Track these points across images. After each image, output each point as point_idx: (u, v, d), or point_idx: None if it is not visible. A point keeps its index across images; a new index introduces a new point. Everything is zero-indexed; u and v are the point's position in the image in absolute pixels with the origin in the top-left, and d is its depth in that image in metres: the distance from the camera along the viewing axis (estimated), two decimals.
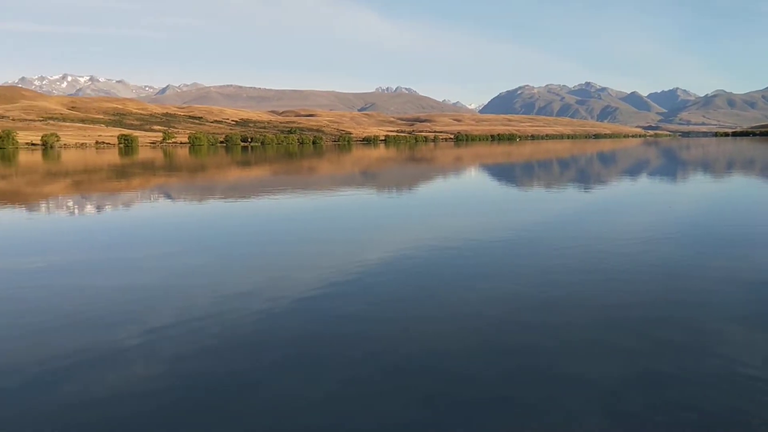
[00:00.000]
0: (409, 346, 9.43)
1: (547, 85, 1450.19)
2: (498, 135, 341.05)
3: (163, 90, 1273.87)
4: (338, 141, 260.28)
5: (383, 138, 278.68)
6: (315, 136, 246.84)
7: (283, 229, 21.85)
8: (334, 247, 18.18)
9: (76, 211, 28.56)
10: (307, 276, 14.09)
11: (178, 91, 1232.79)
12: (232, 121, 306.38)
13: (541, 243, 18.30)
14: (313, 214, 26.58)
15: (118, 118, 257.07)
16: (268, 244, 18.88)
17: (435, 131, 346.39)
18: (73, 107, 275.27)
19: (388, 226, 23.03)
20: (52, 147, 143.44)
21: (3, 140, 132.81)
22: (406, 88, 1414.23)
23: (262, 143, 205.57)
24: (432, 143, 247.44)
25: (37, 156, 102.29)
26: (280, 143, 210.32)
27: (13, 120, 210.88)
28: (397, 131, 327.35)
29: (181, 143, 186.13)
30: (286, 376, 8.38)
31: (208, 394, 7.80)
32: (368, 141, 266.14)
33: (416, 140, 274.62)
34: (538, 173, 59.68)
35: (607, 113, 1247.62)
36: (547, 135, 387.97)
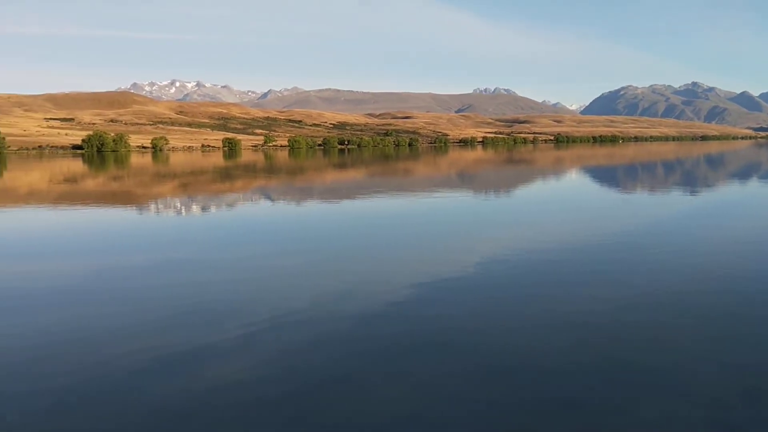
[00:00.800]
0: (509, 347, 9.35)
1: (651, 86, 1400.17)
2: (600, 136, 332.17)
3: (265, 94, 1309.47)
4: (434, 143, 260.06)
5: (481, 139, 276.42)
6: (411, 138, 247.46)
7: (379, 232, 22.06)
8: (427, 250, 18.22)
9: (183, 211, 29.80)
10: (401, 279, 14.18)
11: (279, 95, 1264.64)
12: (330, 124, 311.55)
13: (641, 248, 17.73)
14: (408, 218, 26.69)
15: (222, 123, 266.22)
16: (365, 246, 19.11)
17: (534, 132, 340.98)
18: (180, 112, 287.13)
19: (484, 228, 22.87)
20: (161, 150, 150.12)
21: (116, 143, 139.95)
22: (504, 89, 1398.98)
23: (359, 146, 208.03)
24: (531, 145, 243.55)
25: (147, 158, 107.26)
26: (376, 145, 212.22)
27: (125, 124, 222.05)
28: (495, 132, 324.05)
29: (280, 146, 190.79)
30: (376, 374, 8.47)
31: (304, 388, 7.99)
32: (465, 143, 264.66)
33: (515, 142, 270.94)
34: (642, 176, 57.75)
35: (714, 114, 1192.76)
36: (651, 137, 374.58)
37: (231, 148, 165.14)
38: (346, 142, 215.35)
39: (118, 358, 9.05)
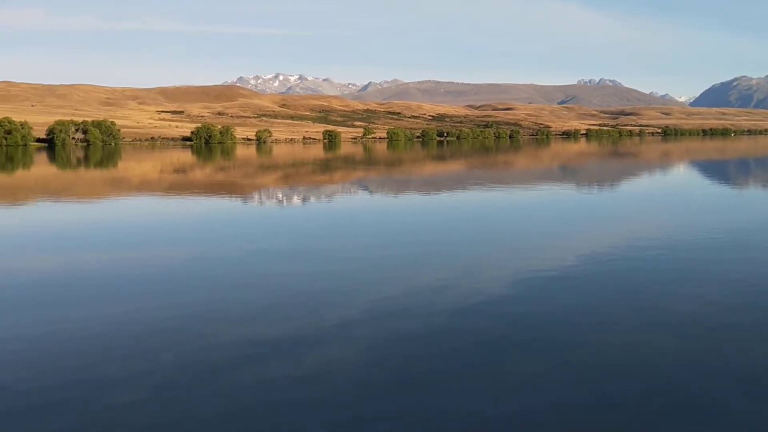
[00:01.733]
0: (609, 345, 9.09)
1: (767, 76, 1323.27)
2: (710, 129, 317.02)
3: (365, 87, 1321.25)
4: (536, 135, 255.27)
5: (584, 132, 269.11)
6: (512, 130, 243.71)
7: (476, 226, 21.86)
8: (526, 244, 17.93)
9: (285, 202, 30.51)
10: (498, 274, 14.02)
11: (379, 87, 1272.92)
12: (429, 116, 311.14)
13: (752, 247, 16.82)
14: (506, 211, 26.35)
15: (323, 115, 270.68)
16: (462, 240, 19.00)
17: (640, 125, 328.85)
18: (283, 105, 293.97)
19: (584, 223, 22.29)
20: (264, 142, 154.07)
21: (223, 135, 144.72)
22: (609, 80, 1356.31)
23: (458, 137, 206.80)
24: (637, 138, 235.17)
25: (251, 150, 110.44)
26: (475, 137, 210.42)
27: (231, 117, 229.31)
28: (600, 125, 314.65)
29: (379, 138, 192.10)
30: (473, 368, 8.38)
31: (401, 379, 8.00)
32: (568, 135, 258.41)
33: (620, 134, 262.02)
34: (756, 171, 54.78)
35: None
36: (765, 130, 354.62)
37: (331, 140, 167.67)
38: (445, 134, 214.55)
39: (221, 345, 9.33)
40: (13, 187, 38.90)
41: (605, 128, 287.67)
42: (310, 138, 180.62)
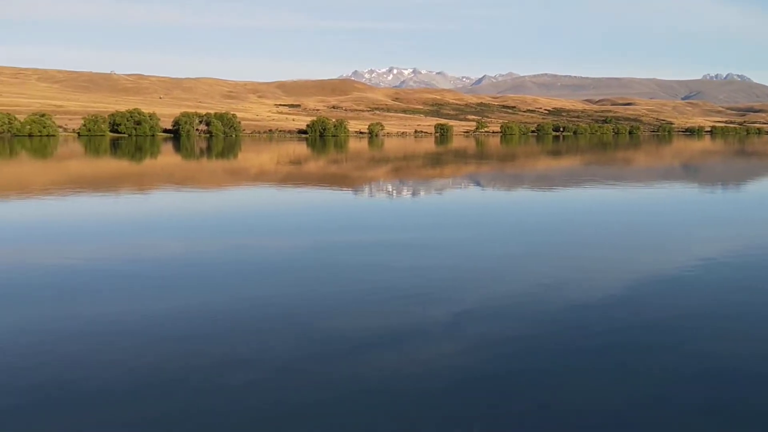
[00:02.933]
0: (729, 352, 8.59)
1: None
2: None
3: (479, 80, 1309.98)
4: (657, 131, 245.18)
5: (709, 129, 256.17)
6: (631, 126, 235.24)
7: (591, 222, 21.24)
8: (641, 245, 17.25)
9: (395, 194, 30.71)
10: (612, 274, 13.56)
11: (493, 81, 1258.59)
12: (545, 110, 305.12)
13: None
14: (622, 210, 25.45)
15: (435, 109, 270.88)
16: (577, 239, 18.51)
17: None
18: (396, 98, 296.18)
19: (706, 225, 21.23)
20: (376, 135, 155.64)
21: (336, 128, 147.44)
22: (737, 75, 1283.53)
23: (575, 133, 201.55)
24: (767, 136, 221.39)
25: (363, 143, 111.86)
26: (593, 133, 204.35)
27: (345, 110, 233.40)
28: (726, 122, 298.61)
29: (493, 132, 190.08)
30: (590, 370, 8.13)
31: (513, 377, 7.87)
32: (691, 132, 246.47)
33: (747, 132, 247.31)
34: None
35: None
36: None
37: (443, 134, 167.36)
38: (561, 129, 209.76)
39: (332, 334, 9.48)
40: (141, 175, 41.11)
41: (731, 125, 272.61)
42: (421, 131, 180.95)
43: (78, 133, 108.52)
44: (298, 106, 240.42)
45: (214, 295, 11.40)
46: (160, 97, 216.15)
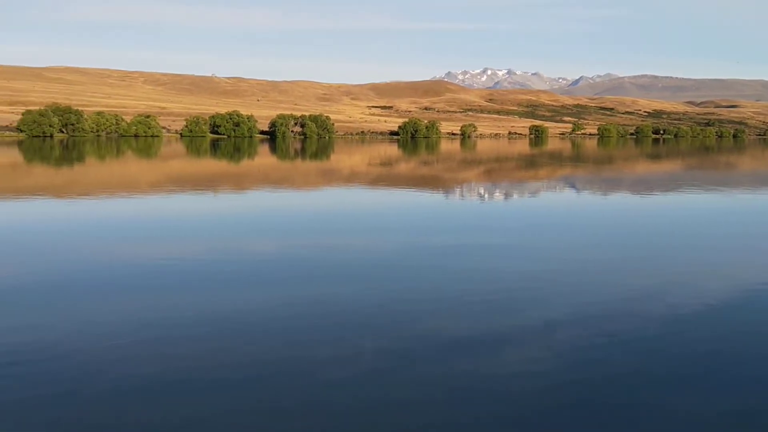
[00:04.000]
0: None
1: None
2: None
3: (576, 81, 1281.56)
4: (764, 135, 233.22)
5: None
6: (736, 129, 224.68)
7: (692, 228, 20.43)
8: (745, 254, 16.44)
9: (485, 197, 30.45)
10: (712, 284, 13.00)
11: (591, 82, 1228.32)
12: (644, 112, 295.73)
13: None
14: (727, 217, 24.35)
15: (530, 110, 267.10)
16: (673, 243, 17.84)
17: None
18: (490, 99, 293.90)
19: None
20: (469, 137, 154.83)
21: (428, 130, 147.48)
22: None
23: (675, 135, 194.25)
24: None
25: (455, 145, 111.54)
26: (695, 136, 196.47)
27: (438, 111, 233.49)
28: None
29: (589, 134, 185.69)
30: (687, 379, 7.83)
31: (608, 385, 7.67)
32: None
33: None
34: None
35: None
36: None
37: (537, 136, 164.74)
38: (661, 132, 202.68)
39: (421, 337, 9.50)
40: (238, 175, 42.38)
41: None
42: (515, 133, 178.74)
43: (180, 134, 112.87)
44: (390, 107, 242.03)
45: (305, 292, 11.60)
46: (258, 100, 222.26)
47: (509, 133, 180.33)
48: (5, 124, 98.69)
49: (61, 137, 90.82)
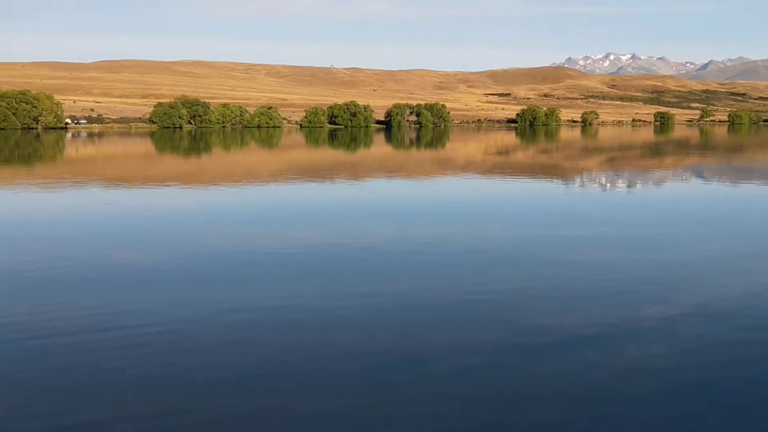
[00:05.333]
0: None
1: None
2: None
3: (705, 66, 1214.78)
4: None
5: None
6: None
7: None
8: None
9: (607, 186, 29.47)
10: None
11: (721, 66, 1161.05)
12: None
13: None
14: None
15: (655, 96, 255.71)
16: None
17: None
18: (612, 86, 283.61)
19: None
20: (590, 124, 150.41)
21: (548, 117, 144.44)
22: None
23: None
24: None
25: (576, 132, 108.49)
26: None
27: (557, 99, 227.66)
28: None
29: (719, 121, 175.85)
30: None
31: (723, 381, 7.30)
32: None
33: None
34: None
35: None
36: None
37: (663, 123, 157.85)
38: None
39: (539, 329, 9.35)
40: (354, 164, 43.04)
41: None
42: (639, 120, 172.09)
43: (300, 124, 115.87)
44: (508, 95, 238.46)
45: (420, 282, 11.65)
46: (374, 90, 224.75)
47: (633, 120, 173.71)
48: (139, 116, 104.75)
49: (190, 128, 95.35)
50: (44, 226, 17.40)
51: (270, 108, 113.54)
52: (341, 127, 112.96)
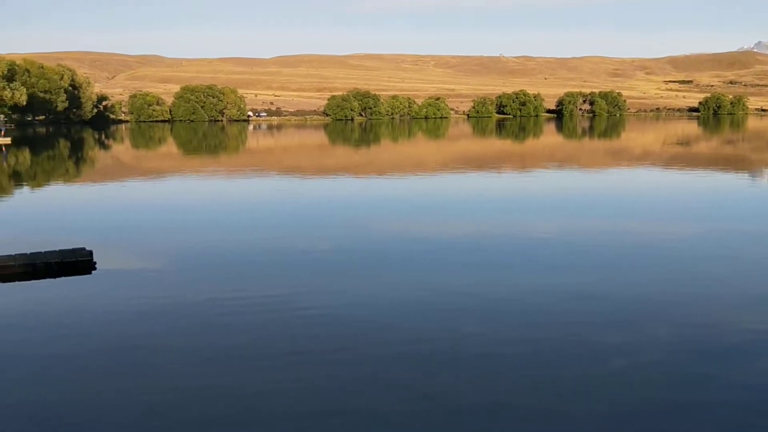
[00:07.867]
0: None
1: None
2: None
3: None
4: None
5: None
6: None
7: None
8: None
9: None
10: None
11: None
12: None
13: None
14: None
15: None
16: None
17: None
18: None
19: None
20: None
21: (734, 106, 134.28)
22: None
23: None
24: None
25: (766, 122, 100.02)
26: None
27: (745, 86, 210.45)
28: None
29: None
30: None
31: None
32: None
33: None
34: None
35: None
36: None
37: None
38: None
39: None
40: (523, 155, 42.37)
41: None
42: None
43: (467, 114, 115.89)
44: (689, 82, 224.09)
45: (565, 278, 11.21)
46: (545, 78, 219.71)
47: None
48: (314, 109, 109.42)
49: (360, 120, 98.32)
50: (231, 210, 18.57)
51: (438, 99, 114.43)
52: (509, 117, 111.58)
